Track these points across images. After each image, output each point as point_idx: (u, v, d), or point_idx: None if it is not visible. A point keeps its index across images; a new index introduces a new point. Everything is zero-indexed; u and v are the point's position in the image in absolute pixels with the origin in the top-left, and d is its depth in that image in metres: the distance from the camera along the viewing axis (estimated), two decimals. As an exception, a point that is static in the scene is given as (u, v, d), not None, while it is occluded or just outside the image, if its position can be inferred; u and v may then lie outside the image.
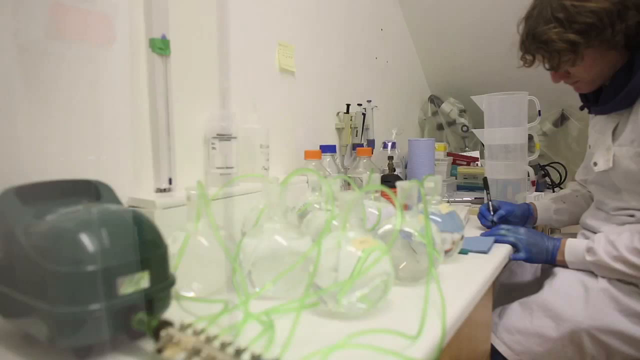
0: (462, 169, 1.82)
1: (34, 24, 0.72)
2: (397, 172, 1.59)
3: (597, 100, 1.06)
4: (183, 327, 0.52)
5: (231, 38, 1.11)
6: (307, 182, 1.12)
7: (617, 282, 0.97)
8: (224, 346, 0.49)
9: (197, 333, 0.51)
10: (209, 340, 0.51)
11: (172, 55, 0.95)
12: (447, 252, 0.88)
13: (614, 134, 1.03)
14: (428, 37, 2.05)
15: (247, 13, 1.15)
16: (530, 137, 1.55)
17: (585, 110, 1.14)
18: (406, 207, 0.83)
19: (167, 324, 0.53)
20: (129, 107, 0.89)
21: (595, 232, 1.09)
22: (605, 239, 0.97)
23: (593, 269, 1.00)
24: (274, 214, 0.77)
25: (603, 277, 0.99)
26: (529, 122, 1.49)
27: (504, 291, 1.24)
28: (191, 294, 0.76)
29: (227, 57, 0.90)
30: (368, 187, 0.69)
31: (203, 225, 0.77)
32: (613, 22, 0.92)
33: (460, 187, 1.83)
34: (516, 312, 1.04)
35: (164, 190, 0.94)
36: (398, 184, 0.81)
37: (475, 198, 1.60)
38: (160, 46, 0.90)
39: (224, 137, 1.01)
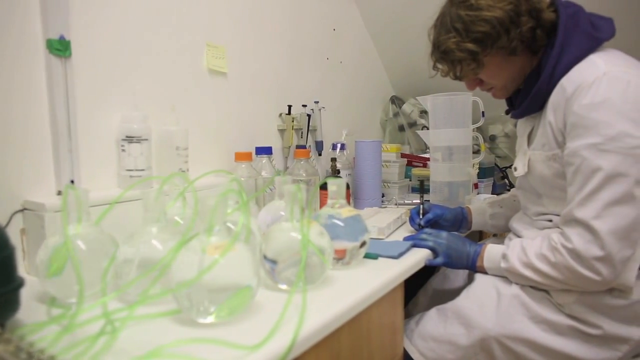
0: (416, 171, 1.80)
1: None
2: (345, 173, 1.57)
3: None
4: (-4, 336, 0.51)
5: (153, 38, 1.10)
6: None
7: (528, 289, 0.95)
8: (30, 356, 0.48)
9: (7, 342, 0.50)
10: (18, 349, 0.50)
11: (77, 56, 0.94)
12: (340, 258, 0.86)
13: (529, 138, 1.01)
14: (388, 38, 2.03)
15: (171, 13, 1.14)
16: (476, 139, 1.52)
17: None
18: (306, 211, 0.82)
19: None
20: (26, 109, 0.88)
21: (519, 237, 1.07)
22: (520, 245, 0.95)
23: (507, 276, 0.97)
24: (152, 218, 0.75)
25: (517, 283, 0.97)
26: (473, 123, 1.47)
27: (437, 296, 1.22)
28: (73, 300, 0.75)
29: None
30: (226, 191, 0.67)
31: (85, 228, 0.77)
32: (507, 29, 0.91)
33: (415, 189, 1.80)
34: (432, 319, 1.02)
35: (66, 192, 0.93)
36: (285, 187, 0.80)
37: (426, 200, 1.58)
38: (58, 47, 0.89)
39: (133, 139, 1.00)
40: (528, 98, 0.95)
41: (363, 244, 0.89)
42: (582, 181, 0.84)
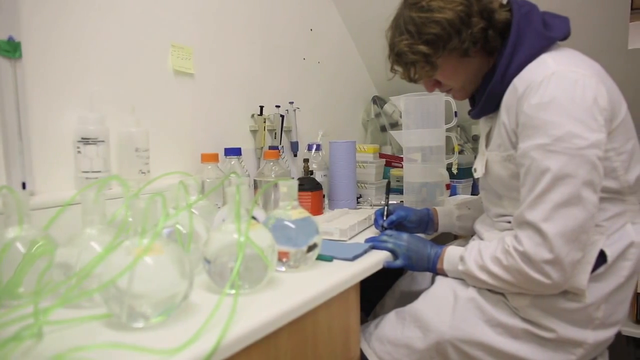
0: (394, 172, 1.79)
1: None
2: (320, 174, 1.56)
3: None
4: None
5: (112, 38, 1.09)
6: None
7: (485, 292, 0.93)
8: None
9: None
10: None
11: (29, 57, 0.93)
12: (286, 261, 0.85)
13: (487, 138, 1.00)
14: (369, 37, 2.01)
15: (132, 13, 1.13)
16: (449, 139, 1.51)
17: None
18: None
19: None
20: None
21: (482, 239, 1.05)
22: (477, 248, 0.94)
23: (465, 278, 0.96)
24: (91, 220, 0.75)
25: (474, 286, 0.95)
26: (446, 124, 1.45)
27: (404, 298, 1.21)
28: (15, 302, 0.75)
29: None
30: (155, 194, 0.66)
31: (26, 231, 0.77)
32: (459, 30, 0.90)
33: (394, 190, 1.79)
34: (390, 322, 1.01)
35: (18, 194, 0.92)
36: (226, 190, 0.79)
37: (400, 201, 1.57)
38: (7, 48, 0.89)
39: (89, 140, 0.99)
40: (483, 98, 0.94)
41: (313, 246, 0.88)
42: (532, 182, 0.83)
